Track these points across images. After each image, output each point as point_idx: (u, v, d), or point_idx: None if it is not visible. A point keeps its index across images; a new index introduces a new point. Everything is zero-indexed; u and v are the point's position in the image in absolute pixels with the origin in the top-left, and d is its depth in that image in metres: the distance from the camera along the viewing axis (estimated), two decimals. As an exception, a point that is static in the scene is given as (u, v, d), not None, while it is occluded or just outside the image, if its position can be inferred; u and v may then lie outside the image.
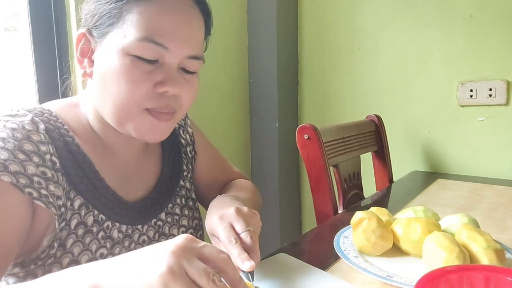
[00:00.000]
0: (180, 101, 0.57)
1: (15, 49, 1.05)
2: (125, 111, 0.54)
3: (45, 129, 0.53)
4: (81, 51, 0.56)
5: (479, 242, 0.55)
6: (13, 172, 0.47)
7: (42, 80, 1.05)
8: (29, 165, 0.49)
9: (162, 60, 0.54)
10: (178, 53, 0.54)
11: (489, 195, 1.05)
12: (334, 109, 1.64)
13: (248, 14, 1.65)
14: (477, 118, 1.32)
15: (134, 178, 0.65)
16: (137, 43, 0.51)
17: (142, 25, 0.51)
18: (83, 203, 0.56)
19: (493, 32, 1.26)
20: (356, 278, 0.58)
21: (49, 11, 1.05)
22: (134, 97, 0.53)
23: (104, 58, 0.54)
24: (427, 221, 0.64)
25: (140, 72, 0.52)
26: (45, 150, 0.52)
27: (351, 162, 1.19)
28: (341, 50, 1.60)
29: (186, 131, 0.77)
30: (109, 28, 0.53)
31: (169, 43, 0.53)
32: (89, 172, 0.57)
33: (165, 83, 0.53)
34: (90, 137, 0.59)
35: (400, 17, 1.44)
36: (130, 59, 0.52)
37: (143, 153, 0.68)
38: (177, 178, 0.72)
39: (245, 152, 1.72)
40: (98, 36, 0.54)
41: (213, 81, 1.52)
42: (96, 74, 0.55)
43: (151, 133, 0.57)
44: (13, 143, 0.49)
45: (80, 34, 0.56)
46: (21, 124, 0.51)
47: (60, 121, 0.57)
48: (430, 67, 1.39)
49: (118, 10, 0.52)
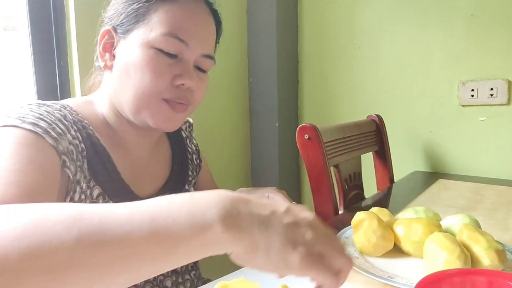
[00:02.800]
0: (193, 96, 0.63)
1: (14, 49, 1.05)
2: (145, 99, 0.58)
3: (72, 120, 0.57)
4: (103, 46, 0.62)
5: (481, 242, 0.55)
6: (53, 137, 0.51)
7: (41, 80, 1.04)
8: (63, 139, 0.53)
9: (181, 55, 0.60)
10: (196, 50, 0.60)
11: (491, 195, 1.04)
12: (335, 109, 1.64)
13: (248, 14, 1.64)
14: (478, 118, 1.31)
15: (144, 175, 0.68)
16: (162, 37, 0.57)
17: (168, 23, 0.58)
18: (101, 193, 0.58)
19: (494, 31, 1.25)
20: (356, 279, 0.58)
21: (48, 11, 1.05)
22: (155, 86, 0.58)
23: (128, 51, 0.59)
24: (428, 222, 0.63)
25: (162, 64, 0.58)
26: (75, 135, 0.56)
27: (352, 162, 1.19)
28: (341, 49, 1.59)
29: (191, 142, 0.82)
30: (134, 25, 0.59)
31: (190, 40, 0.59)
32: (108, 164, 0.60)
33: (183, 76, 0.59)
34: (106, 132, 0.63)
35: (400, 16, 1.43)
36: (154, 52, 0.57)
37: (154, 153, 0.71)
38: (183, 182, 0.75)
39: (245, 152, 1.71)
40: (123, 32, 0.60)
41: (213, 81, 1.51)
42: (117, 67, 0.60)
43: (165, 122, 0.61)
44: (50, 118, 0.53)
45: (105, 31, 0.62)
46: (53, 108, 0.56)
47: (80, 116, 0.60)
48: (431, 67, 1.38)
49: (145, 9, 0.58)
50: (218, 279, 0.57)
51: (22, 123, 0.50)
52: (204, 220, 0.31)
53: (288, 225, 0.34)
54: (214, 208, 0.32)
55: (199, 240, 0.31)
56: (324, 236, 0.36)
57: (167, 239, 0.30)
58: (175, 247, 0.30)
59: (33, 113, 0.52)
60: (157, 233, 0.30)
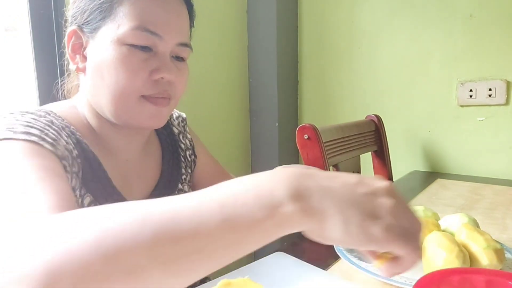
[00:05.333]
0: (174, 89, 0.59)
1: (15, 49, 1.05)
2: (123, 99, 0.55)
3: (60, 125, 0.55)
4: (72, 47, 0.58)
5: (479, 241, 0.55)
6: (50, 143, 0.49)
7: (42, 80, 1.05)
8: (58, 144, 0.51)
9: (156, 48, 0.56)
10: (170, 40, 0.57)
11: (489, 194, 1.05)
12: (334, 109, 1.64)
13: (248, 14, 1.65)
14: (476, 118, 1.32)
15: (134, 179, 0.65)
16: (131, 32, 0.53)
17: (135, 15, 0.54)
18: (92, 201, 0.56)
19: (493, 32, 1.26)
20: (356, 278, 0.58)
21: (49, 11, 1.05)
22: (132, 84, 0.54)
23: (98, 51, 0.55)
24: (427, 221, 0.64)
25: (137, 60, 0.54)
26: (67, 140, 0.53)
27: (351, 162, 1.19)
28: (341, 50, 1.60)
29: (185, 137, 0.78)
30: (101, 22, 0.55)
31: (162, 31, 0.55)
32: (98, 171, 0.58)
33: (160, 69, 0.56)
34: (92, 136, 0.60)
35: (399, 17, 1.44)
36: (127, 48, 0.54)
37: (142, 154, 0.68)
38: (176, 181, 0.72)
39: (245, 152, 1.72)
40: (90, 31, 0.56)
41: (213, 81, 1.52)
42: (90, 68, 0.57)
43: (150, 119, 0.58)
44: (39, 125, 0.50)
45: (71, 32, 0.57)
46: (37, 115, 0.53)
47: (66, 122, 0.57)
48: (430, 67, 1.39)
49: (109, 4, 0.54)
50: (219, 278, 0.56)
51: (15, 134, 0.47)
52: (273, 200, 0.30)
53: (363, 195, 0.32)
54: (281, 187, 0.31)
55: (271, 221, 0.30)
56: (404, 206, 0.34)
57: (239, 224, 0.30)
58: (248, 231, 0.30)
59: (19, 122, 0.49)
60: (229, 220, 0.29)
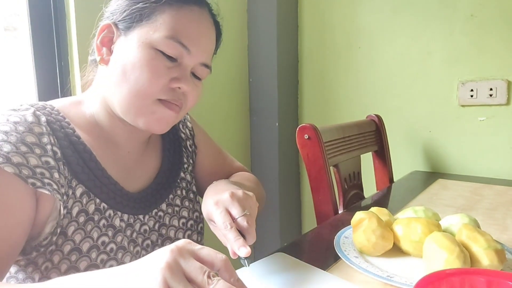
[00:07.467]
0: (186, 100, 0.63)
1: (15, 49, 1.05)
2: (139, 98, 0.58)
3: (46, 121, 0.56)
4: (102, 39, 0.61)
5: (480, 242, 0.55)
6: (15, 164, 0.50)
7: (41, 80, 1.05)
8: (31, 157, 0.52)
9: (181, 60, 0.60)
10: (196, 57, 0.61)
11: (490, 195, 1.05)
12: (334, 108, 1.64)
13: (248, 13, 1.65)
14: (477, 118, 1.32)
15: (136, 170, 0.67)
16: (165, 40, 0.57)
17: (173, 26, 0.58)
18: (85, 191, 0.58)
19: (494, 31, 1.26)
20: (356, 278, 0.58)
21: (49, 11, 1.05)
22: (151, 86, 0.57)
23: (127, 48, 0.58)
24: (427, 221, 0.64)
25: (161, 66, 0.58)
26: (46, 141, 0.54)
27: (351, 162, 1.19)
28: (341, 49, 1.59)
29: (185, 126, 0.81)
30: (138, 24, 0.59)
31: (192, 47, 0.59)
32: (90, 162, 0.59)
33: (180, 79, 0.59)
34: (92, 130, 0.62)
35: (400, 16, 1.43)
36: (154, 52, 0.57)
37: (144, 146, 0.71)
38: (177, 170, 0.74)
39: (245, 152, 1.72)
40: (124, 28, 0.60)
41: (213, 81, 1.52)
42: (114, 62, 0.60)
43: (157, 122, 0.61)
44: (15, 136, 0.52)
45: (105, 25, 0.61)
46: (24, 117, 0.54)
47: (61, 115, 0.59)
48: (431, 67, 1.39)
49: (151, 10, 0.58)
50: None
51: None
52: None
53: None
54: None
55: None
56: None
57: None
58: None
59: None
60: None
